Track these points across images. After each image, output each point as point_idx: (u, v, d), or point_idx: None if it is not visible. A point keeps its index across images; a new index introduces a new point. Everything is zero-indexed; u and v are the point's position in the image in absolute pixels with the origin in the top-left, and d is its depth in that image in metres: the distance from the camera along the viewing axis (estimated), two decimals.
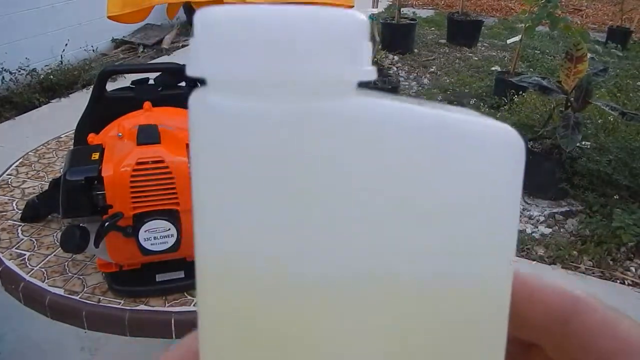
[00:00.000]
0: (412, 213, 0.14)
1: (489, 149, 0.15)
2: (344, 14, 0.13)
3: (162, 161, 0.78)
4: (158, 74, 1.03)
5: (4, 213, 1.07)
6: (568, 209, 2.57)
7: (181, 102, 1.00)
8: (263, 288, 0.14)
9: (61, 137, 1.40)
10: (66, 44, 3.95)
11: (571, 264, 2.21)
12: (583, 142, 2.59)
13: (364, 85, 0.14)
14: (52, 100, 3.53)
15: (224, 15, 0.13)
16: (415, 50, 4.81)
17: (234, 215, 0.14)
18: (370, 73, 0.14)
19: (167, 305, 0.86)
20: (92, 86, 1.03)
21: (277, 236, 0.13)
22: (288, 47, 0.13)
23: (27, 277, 0.90)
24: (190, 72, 0.14)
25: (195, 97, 0.14)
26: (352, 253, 0.14)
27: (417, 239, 0.14)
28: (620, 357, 0.17)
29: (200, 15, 0.13)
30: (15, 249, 0.97)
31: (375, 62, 3.35)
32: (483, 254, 0.15)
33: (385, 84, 3.27)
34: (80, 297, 0.86)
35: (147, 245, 0.78)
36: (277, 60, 0.13)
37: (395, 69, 4.35)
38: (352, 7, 1.36)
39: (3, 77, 3.53)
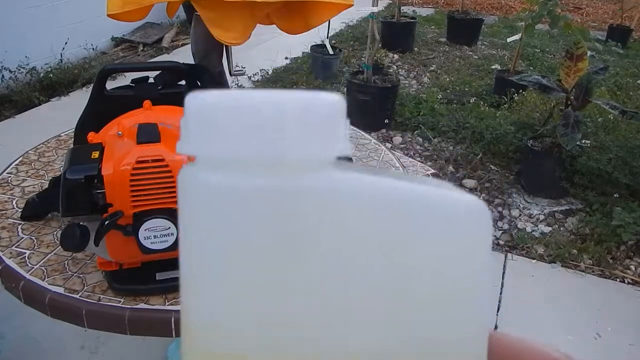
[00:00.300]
0: (386, 282, 0.15)
1: (459, 220, 0.16)
2: (322, 98, 0.15)
3: (162, 160, 0.78)
4: (158, 72, 1.03)
5: (4, 211, 1.07)
6: (568, 208, 2.57)
7: (181, 100, 1.00)
8: (243, 351, 0.15)
9: (61, 136, 1.40)
10: (66, 43, 3.95)
11: (571, 262, 2.21)
12: (583, 141, 2.59)
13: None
14: (52, 99, 3.53)
15: (215, 101, 0.15)
16: (415, 49, 4.81)
17: (219, 280, 0.15)
18: (346, 149, 0.15)
19: (167, 303, 0.86)
20: (91, 85, 1.03)
21: (259, 305, 0.14)
22: (271, 131, 0.14)
23: (27, 276, 0.90)
24: (180, 149, 0.15)
25: (185, 173, 0.16)
26: (329, 323, 0.15)
27: (392, 308, 0.15)
28: None
29: (192, 100, 0.15)
30: (15, 247, 0.97)
31: (375, 61, 3.34)
32: (457, 319, 0.16)
33: (385, 82, 3.27)
34: (80, 296, 0.86)
35: (147, 243, 0.78)
36: (261, 142, 0.14)
37: (395, 67, 4.34)
38: (352, 5, 1.36)
39: (3, 76, 3.52)
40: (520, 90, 3.22)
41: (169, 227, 0.78)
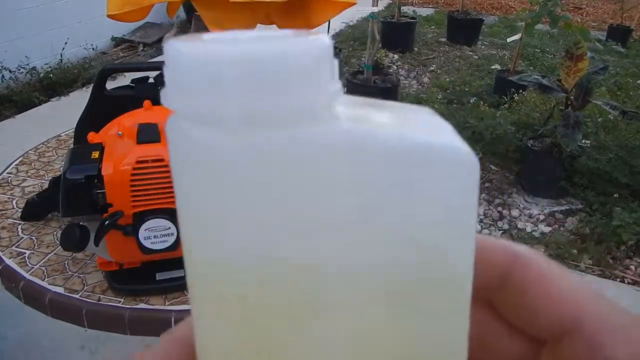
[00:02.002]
0: (378, 224, 0.15)
1: (445, 165, 0.16)
2: (304, 43, 0.14)
3: (162, 160, 0.78)
4: (158, 72, 1.03)
5: (4, 211, 1.07)
6: (568, 208, 2.57)
7: None
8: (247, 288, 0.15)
9: (61, 136, 1.40)
10: (66, 43, 3.94)
11: (571, 262, 2.21)
12: (583, 141, 2.59)
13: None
14: (52, 99, 3.53)
15: (195, 54, 0.14)
16: (415, 49, 4.81)
17: (218, 228, 0.15)
18: (336, 93, 0.15)
19: (167, 303, 0.86)
20: (92, 85, 1.03)
21: (256, 237, 0.15)
22: (253, 84, 0.13)
23: (27, 276, 0.90)
24: (166, 104, 0.15)
25: (175, 133, 0.15)
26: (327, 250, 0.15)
27: (384, 244, 0.16)
28: (552, 312, 0.17)
29: (170, 49, 0.14)
30: (15, 247, 0.97)
31: (375, 61, 3.34)
32: (445, 250, 0.17)
33: (385, 82, 3.27)
34: (80, 296, 0.86)
35: (147, 243, 0.78)
36: (244, 96, 0.13)
37: (395, 67, 4.34)
38: (355, 3, 1.36)
39: (3, 76, 3.53)
40: (520, 90, 3.22)
41: (169, 227, 0.78)
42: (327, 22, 1.64)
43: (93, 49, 4.29)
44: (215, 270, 0.15)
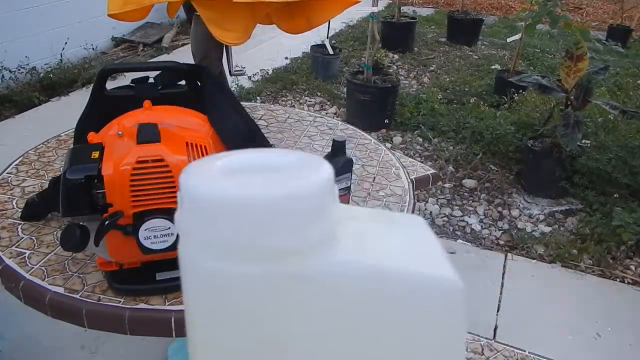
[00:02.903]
0: (369, 354, 0.17)
1: (431, 297, 0.17)
2: (308, 182, 0.16)
3: (162, 160, 0.78)
4: (158, 72, 1.03)
5: (4, 211, 1.07)
6: (568, 208, 2.57)
7: (181, 100, 1.00)
8: None
9: (61, 136, 1.40)
10: (66, 43, 3.94)
11: (571, 262, 2.21)
12: (583, 141, 2.59)
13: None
14: (52, 99, 3.53)
15: (207, 190, 0.16)
16: (415, 49, 4.81)
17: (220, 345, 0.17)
18: (330, 232, 0.16)
19: (167, 303, 0.86)
20: (91, 85, 1.03)
21: None
22: (257, 224, 0.15)
23: (27, 276, 0.90)
24: (178, 225, 0.17)
25: (186, 256, 0.17)
26: None
27: None
28: None
29: (186, 181, 0.16)
30: (15, 247, 0.97)
31: (375, 61, 3.34)
32: None
33: (385, 82, 3.27)
34: (80, 296, 0.86)
35: (147, 243, 0.78)
36: (248, 232, 0.15)
37: (395, 67, 4.34)
38: (360, 1, 1.35)
39: (3, 76, 3.52)
40: (520, 90, 3.22)
41: (169, 227, 0.78)
42: (328, 22, 1.63)
43: (93, 49, 4.29)
44: None
